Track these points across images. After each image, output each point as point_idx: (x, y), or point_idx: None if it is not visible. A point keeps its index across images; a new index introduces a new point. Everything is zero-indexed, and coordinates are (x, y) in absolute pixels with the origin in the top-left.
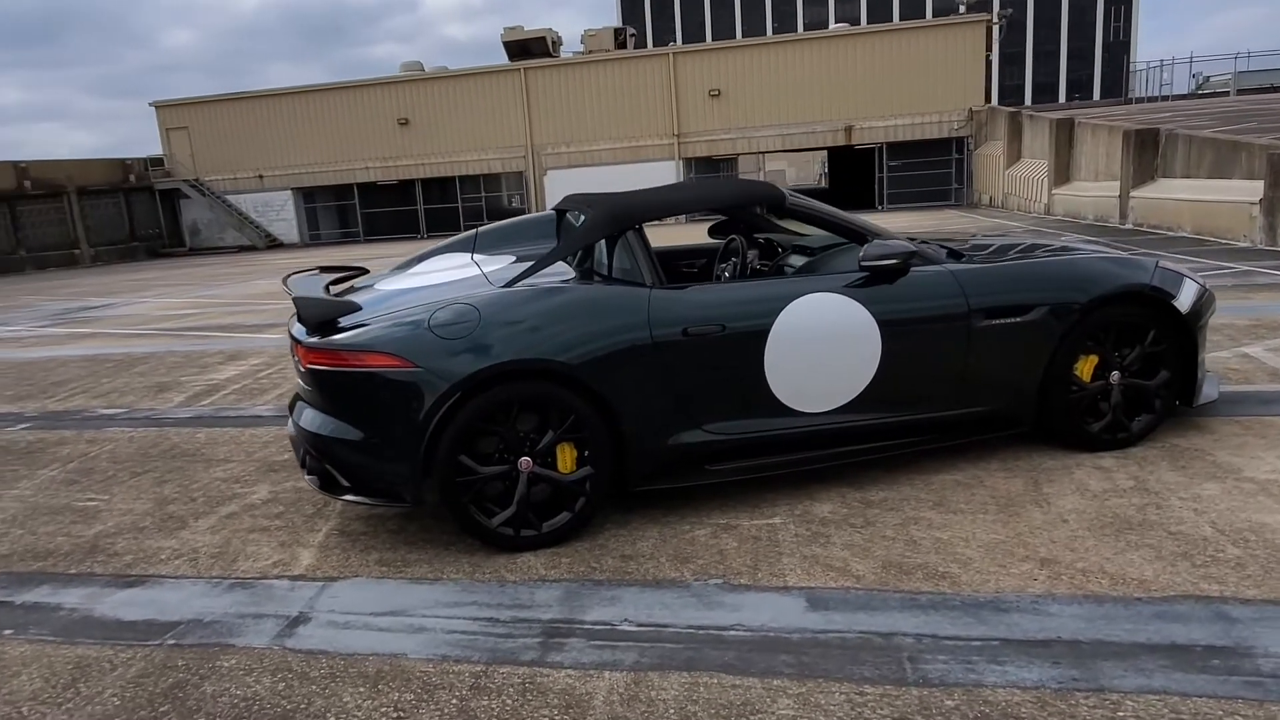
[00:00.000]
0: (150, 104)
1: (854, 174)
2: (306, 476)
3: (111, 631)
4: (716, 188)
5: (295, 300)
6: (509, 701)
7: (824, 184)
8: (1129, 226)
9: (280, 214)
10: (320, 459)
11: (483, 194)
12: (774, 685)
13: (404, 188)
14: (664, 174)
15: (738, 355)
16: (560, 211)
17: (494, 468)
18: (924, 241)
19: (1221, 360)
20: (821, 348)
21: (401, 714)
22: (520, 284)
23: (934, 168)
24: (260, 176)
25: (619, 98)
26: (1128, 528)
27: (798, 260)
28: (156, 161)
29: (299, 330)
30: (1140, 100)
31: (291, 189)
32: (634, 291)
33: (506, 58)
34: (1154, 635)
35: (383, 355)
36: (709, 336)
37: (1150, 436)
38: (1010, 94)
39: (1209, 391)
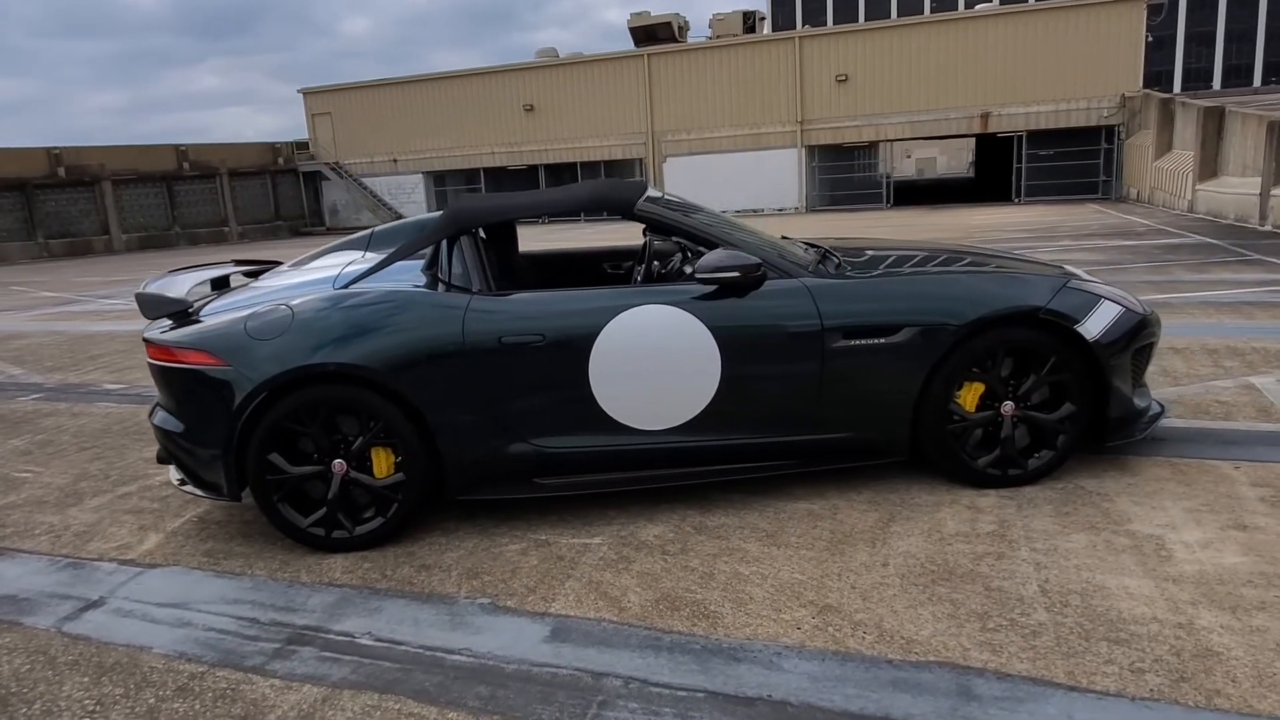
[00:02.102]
0: (299, 91)
1: (997, 163)
2: (160, 465)
3: None
4: (567, 191)
5: (136, 297)
6: (198, 706)
7: (972, 173)
8: (1268, 228)
9: (411, 197)
10: (165, 450)
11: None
12: (446, 717)
13: (528, 173)
14: (786, 162)
15: (560, 367)
16: None
17: (305, 468)
18: (818, 246)
19: (1217, 390)
20: (652, 363)
21: (99, 708)
22: (356, 285)
23: (1079, 158)
24: (394, 160)
25: (741, 84)
26: (946, 578)
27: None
28: (302, 145)
29: (145, 326)
30: None
31: (422, 173)
32: (449, 298)
33: (633, 43)
34: (871, 705)
35: (201, 353)
36: (528, 347)
37: (1056, 474)
38: (1156, 81)
39: (1144, 425)
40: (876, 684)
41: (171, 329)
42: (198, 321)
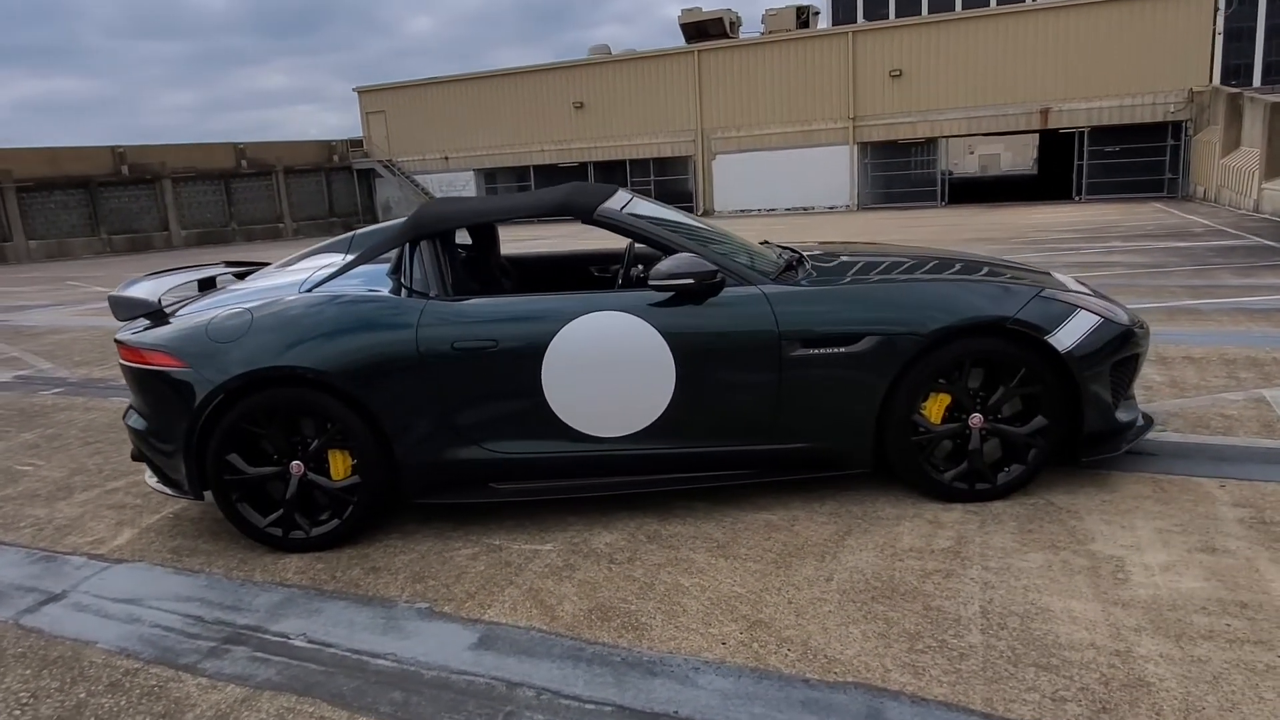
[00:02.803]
0: (354, 89)
1: (1061, 160)
2: (134, 462)
3: None
4: (534, 196)
5: (108, 299)
6: (124, 702)
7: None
8: None
9: (462, 194)
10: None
11: (652, 177)
12: None
13: (578, 171)
14: (837, 159)
15: (513, 373)
16: None
17: (263, 469)
18: (794, 252)
19: (1224, 403)
20: (605, 370)
21: (32, 700)
22: (320, 288)
23: (1144, 155)
24: (446, 158)
25: (792, 80)
26: (887, 596)
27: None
28: (356, 143)
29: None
30: None
31: (473, 170)
32: (404, 303)
33: (684, 40)
34: None
35: (165, 354)
36: (481, 352)
37: (1029, 489)
38: (1235, 75)
39: (1126, 440)
40: (787, 704)
41: (144, 330)
42: (168, 323)
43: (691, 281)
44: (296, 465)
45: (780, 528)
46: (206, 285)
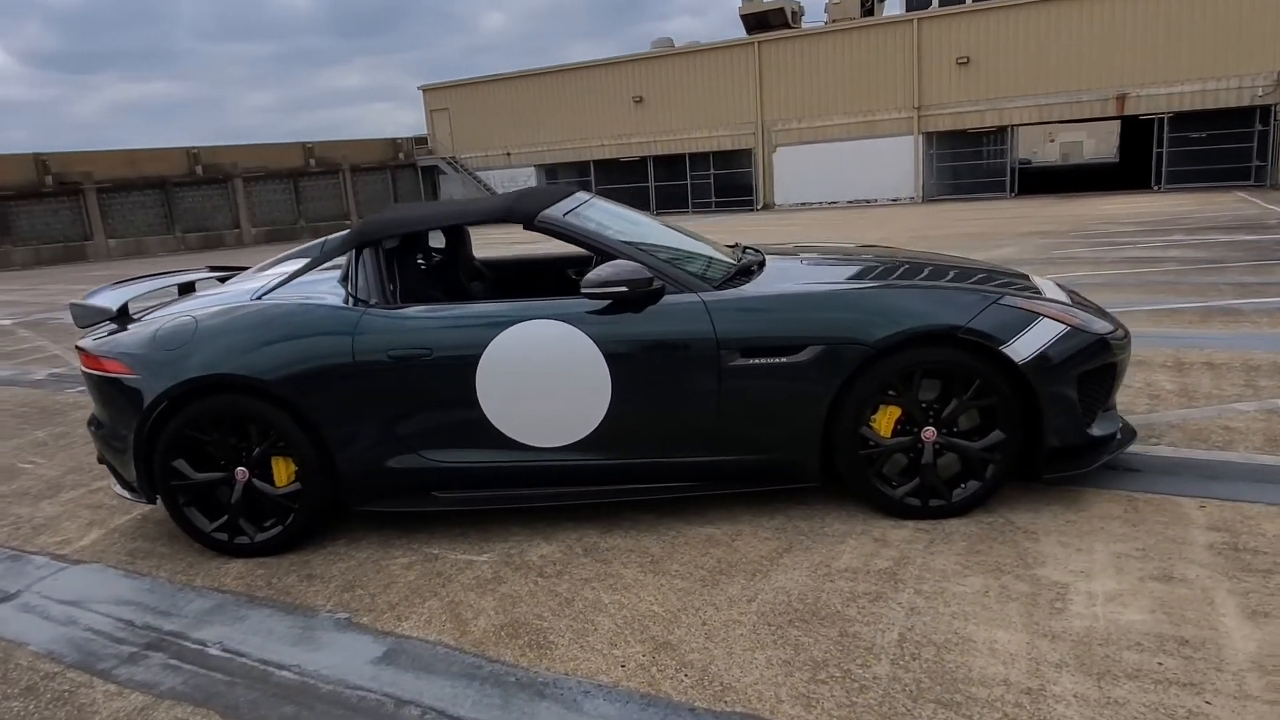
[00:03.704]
0: (418, 87)
1: (1144, 147)
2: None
3: None
4: (479, 202)
5: (70, 306)
6: (32, 707)
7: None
8: None
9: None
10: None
11: (712, 171)
12: None
13: (638, 165)
14: (901, 150)
15: (447, 382)
16: None
17: (208, 474)
18: (759, 254)
19: (1232, 414)
20: (539, 379)
21: None
22: (269, 296)
23: (1228, 142)
24: (508, 154)
25: (855, 69)
26: (806, 620)
27: None
28: (421, 141)
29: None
30: None
31: (535, 165)
32: (342, 312)
33: (744, 31)
34: None
35: (115, 361)
36: (416, 361)
37: (992, 506)
38: None
39: (1098, 456)
40: None
41: (102, 337)
42: (126, 330)
43: (624, 289)
44: (241, 471)
45: (720, 543)
46: (186, 289)
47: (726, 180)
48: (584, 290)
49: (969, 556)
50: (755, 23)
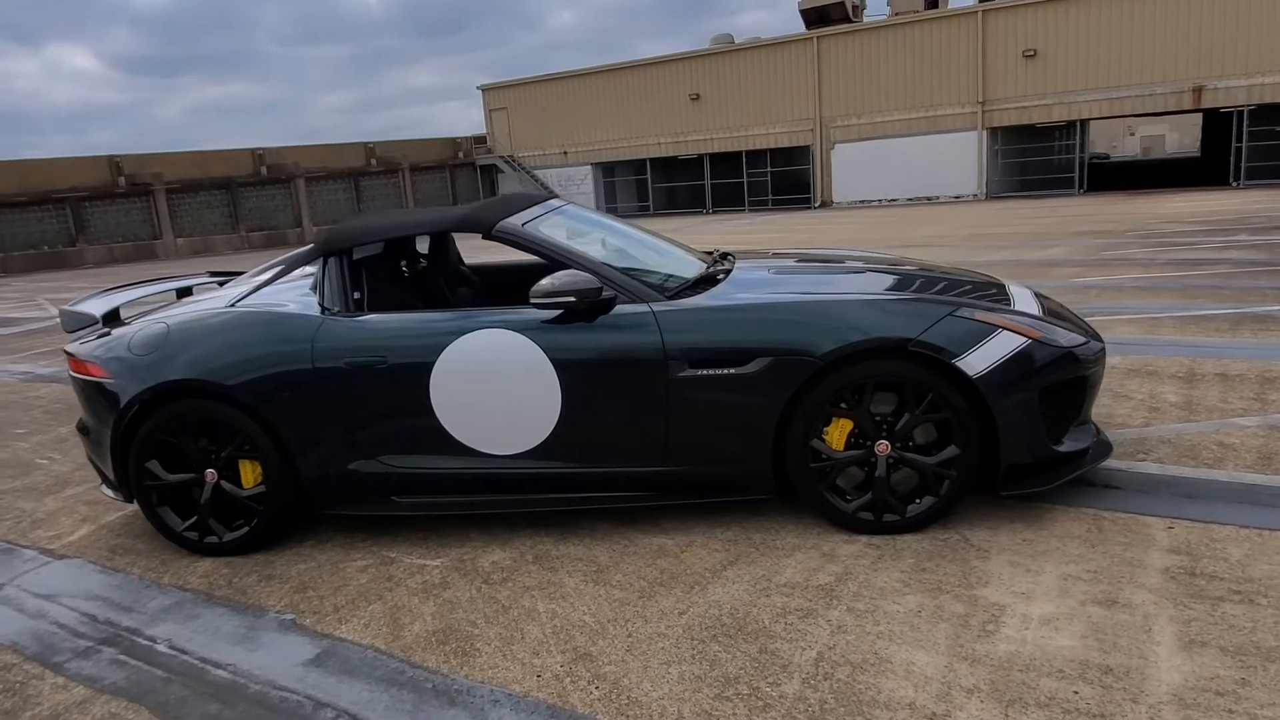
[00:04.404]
0: (478, 87)
1: (1223, 141)
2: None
3: None
4: (439, 211)
5: (59, 311)
6: None
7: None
8: None
9: (580, 188)
10: None
11: (768, 168)
12: None
13: (695, 163)
14: (963, 145)
15: (402, 390)
16: None
17: (179, 475)
18: (727, 256)
19: (1231, 428)
20: (490, 388)
21: None
22: (242, 303)
23: None
24: (564, 152)
25: (917, 63)
26: (730, 635)
27: None
28: (480, 139)
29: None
30: None
31: (591, 164)
32: (303, 319)
33: (804, 25)
34: None
35: (95, 365)
36: (372, 368)
37: (950, 522)
38: None
39: (1064, 473)
40: None
41: (86, 342)
42: (109, 335)
43: (573, 299)
44: (210, 473)
45: (670, 554)
46: (184, 294)
47: (783, 178)
48: (532, 300)
49: (913, 574)
50: (815, 17)
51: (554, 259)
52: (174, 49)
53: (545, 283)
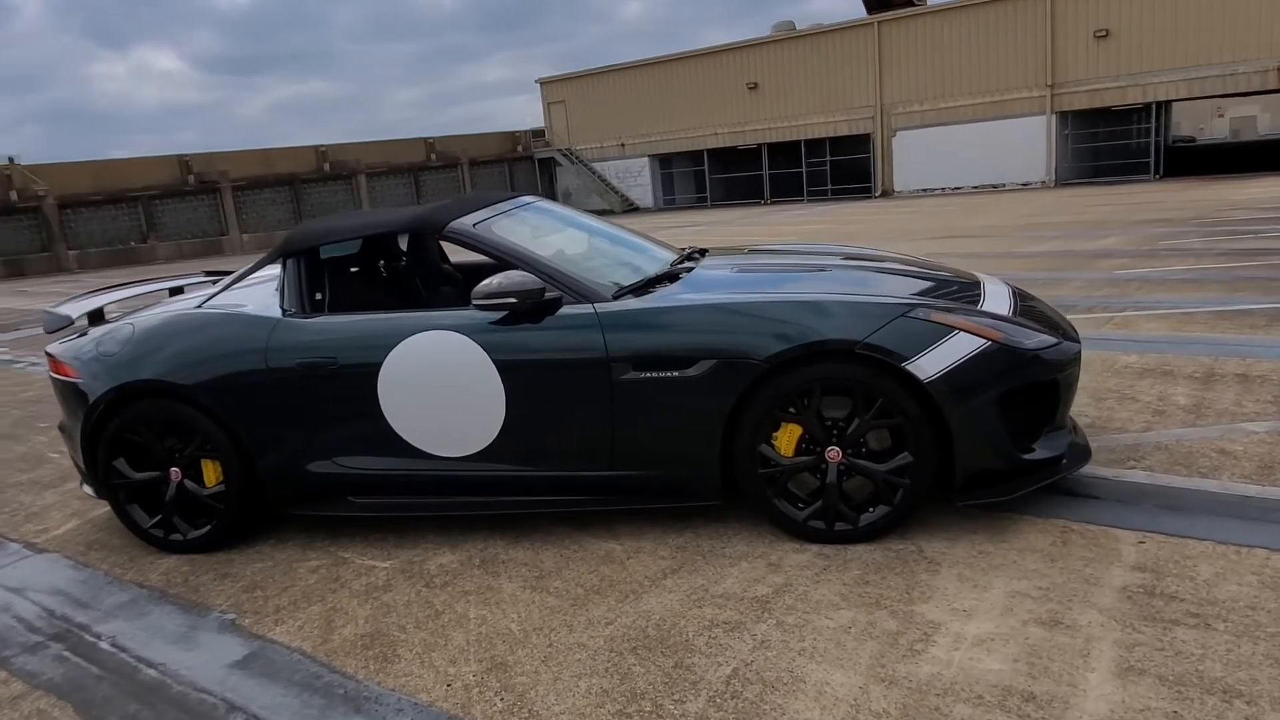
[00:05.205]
0: (536, 80)
1: None
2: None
3: None
4: (392, 212)
5: (43, 312)
6: None
7: None
8: None
9: (638, 180)
10: None
11: (828, 158)
12: None
13: (752, 153)
14: (1032, 131)
15: (351, 391)
16: None
17: (144, 474)
18: (691, 254)
19: (1237, 434)
20: (436, 390)
21: None
22: (209, 304)
23: None
24: (622, 144)
25: (982, 47)
26: (650, 648)
27: None
28: (538, 133)
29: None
30: None
31: (649, 155)
32: (258, 319)
33: (865, 11)
34: None
35: (66, 366)
36: (322, 369)
37: (907, 531)
38: None
39: (1028, 482)
40: None
41: (66, 341)
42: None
43: (514, 300)
44: (175, 472)
45: (615, 560)
46: (176, 293)
47: (843, 167)
48: (474, 302)
49: (856, 587)
50: (876, 2)
51: (501, 259)
52: (253, 49)
53: (487, 284)
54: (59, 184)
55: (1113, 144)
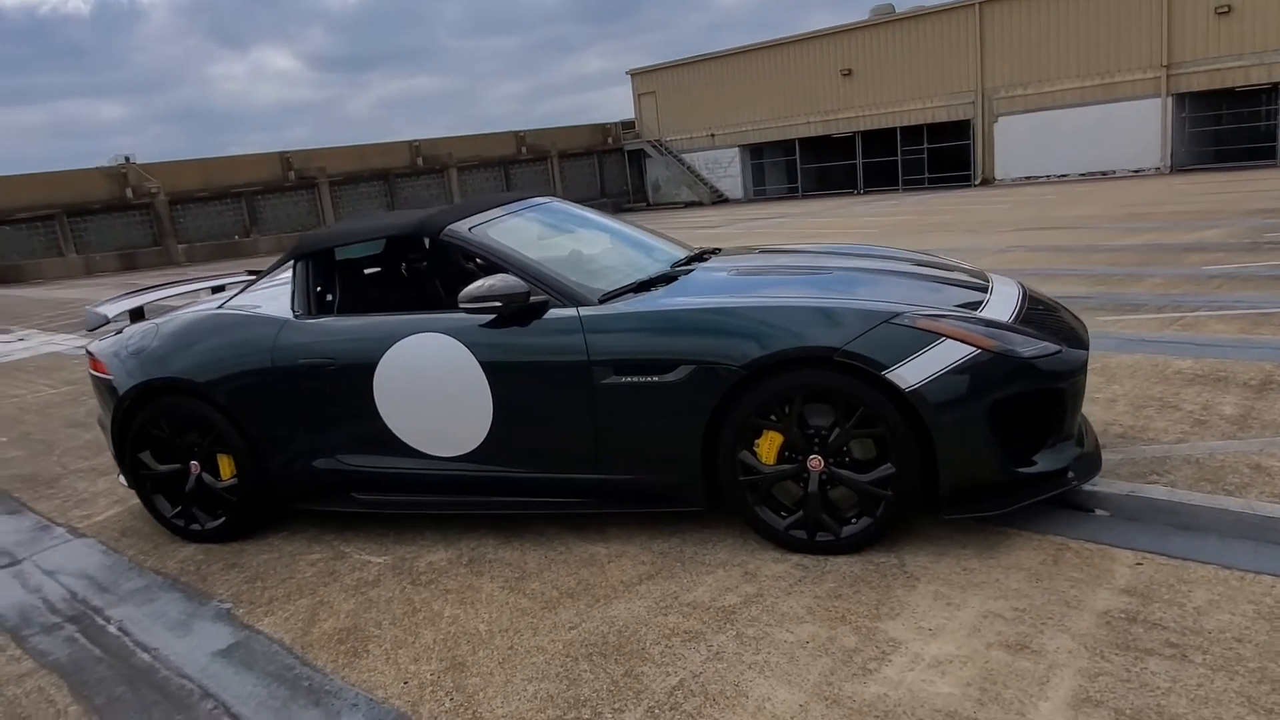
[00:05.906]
0: (626, 72)
1: None
2: None
3: None
4: (392, 216)
5: (87, 311)
6: None
7: None
8: None
9: (727, 171)
10: None
11: (925, 145)
12: (68, 709)
13: (845, 141)
14: (1145, 114)
15: (349, 391)
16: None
17: (168, 466)
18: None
19: (1263, 447)
20: (427, 391)
21: None
22: (229, 305)
23: None
24: (712, 135)
25: (1091, 27)
26: (604, 655)
27: None
28: (628, 125)
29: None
30: None
31: (739, 146)
32: (265, 320)
33: None
34: None
35: (101, 362)
36: (323, 370)
37: (892, 543)
38: None
39: (1020, 497)
40: None
41: (104, 339)
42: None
43: (498, 303)
44: (194, 465)
45: (597, 563)
46: (218, 291)
47: (941, 155)
48: (460, 305)
49: (826, 600)
50: None
51: (492, 262)
52: (362, 47)
53: (472, 287)
54: (170, 181)
55: (1235, 128)
